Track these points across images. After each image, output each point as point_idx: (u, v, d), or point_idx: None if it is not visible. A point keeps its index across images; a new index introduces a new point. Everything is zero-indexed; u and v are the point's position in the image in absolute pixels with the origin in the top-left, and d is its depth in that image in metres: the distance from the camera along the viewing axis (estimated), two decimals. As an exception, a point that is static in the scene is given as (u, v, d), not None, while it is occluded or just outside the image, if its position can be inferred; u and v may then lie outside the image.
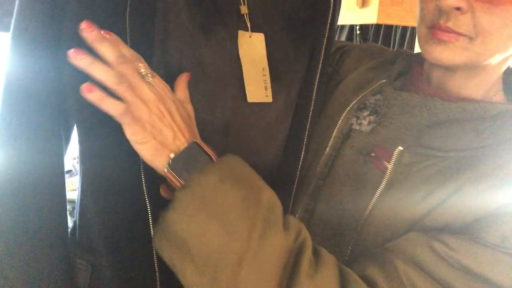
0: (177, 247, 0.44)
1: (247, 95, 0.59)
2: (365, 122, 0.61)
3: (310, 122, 0.66)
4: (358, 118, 0.62)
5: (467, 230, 0.48)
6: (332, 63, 0.77)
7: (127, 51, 0.47)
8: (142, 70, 0.46)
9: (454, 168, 0.52)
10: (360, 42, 1.98)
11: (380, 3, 1.64)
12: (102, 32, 0.45)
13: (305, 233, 0.48)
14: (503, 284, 0.45)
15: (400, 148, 0.55)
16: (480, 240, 0.47)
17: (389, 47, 1.87)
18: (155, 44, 0.52)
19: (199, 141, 0.49)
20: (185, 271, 0.44)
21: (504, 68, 0.58)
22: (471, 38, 0.51)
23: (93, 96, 0.44)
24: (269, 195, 0.47)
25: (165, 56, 0.53)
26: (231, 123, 0.60)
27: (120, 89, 0.44)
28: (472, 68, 0.55)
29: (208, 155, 0.48)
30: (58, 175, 0.58)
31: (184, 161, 0.46)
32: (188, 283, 0.44)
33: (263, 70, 0.61)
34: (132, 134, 0.45)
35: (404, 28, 1.79)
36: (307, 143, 0.66)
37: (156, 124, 0.46)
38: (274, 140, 0.65)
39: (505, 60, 0.56)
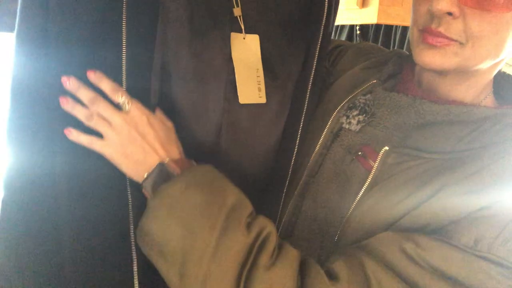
0: (152, 248, 0.51)
1: (239, 97, 0.60)
2: (354, 122, 0.62)
3: (303, 123, 0.66)
4: (348, 117, 0.63)
5: (443, 232, 0.49)
6: (328, 63, 0.78)
7: (107, 84, 0.52)
8: (121, 98, 0.52)
9: (437, 170, 0.53)
10: (360, 42, 1.98)
11: (380, 3, 1.63)
12: (92, 72, 0.52)
13: (270, 230, 0.51)
14: (472, 286, 0.45)
15: (386, 148, 0.56)
16: (453, 241, 0.47)
17: (389, 47, 1.87)
18: (154, 48, 0.53)
19: (177, 155, 0.55)
20: (161, 268, 0.51)
21: (494, 72, 0.59)
22: (461, 44, 0.52)
23: (72, 136, 0.52)
24: (234, 198, 0.52)
25: (163, 58, 0.54)
26: (224, 124, 0.60)
27: (92, 124, 0.52)
28: (463, 72, 0.55)
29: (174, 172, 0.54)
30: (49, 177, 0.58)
31: (153, 180, 0.53)
32: (165, 278, 0.51)
33: (257, 71, 0.61)
34: (109, 158, 0.53)
35: (404, 28, 1.79)
36: (300, 143, 0.67)
37: (127, 148, 0.53)
38: (267, 140, 0.66)
39: (495, 65, 0.57)
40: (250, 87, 0.61)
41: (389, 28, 1.87)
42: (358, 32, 1.97)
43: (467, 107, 0.55)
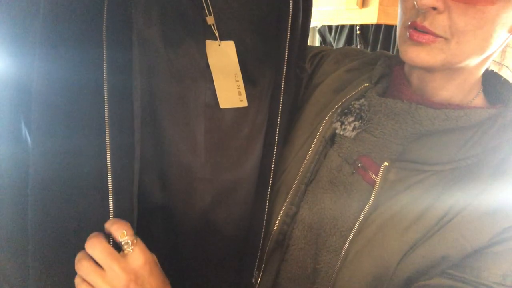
0: None
1: (219, 102, 0.60)
2: (349, 128, 0.61)
3: (280, 125, 0.67)
4: (342, 123, 0.62)
5: (466, 269, 0.49)
6: (311, 67, 0.78)
7: (111, 224, 0.48)
8: (125, 238, 0.47)
9: (443, 185, 0.53)
10: (360, 42, 1.98)
11: (380, 3, 1.63)
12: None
13: None
14: None
15: (386, 163, 0.55)
16: (483, 280, 0.48)
17: (389, 47, 1.87)
18: (132, 57, 0.52)
19: None
20: None
21: (483, 69, 0.58)
22: (447, 39, 0.51)
23: None
24: None
25: (141, 69, 0.53)
26: (206, 130, 0.60)
27: (87, 277, 0.46)
28: (450, 69, 0.55)
29: None
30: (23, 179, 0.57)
31: None
32: None
33: (236, 76, 0.62)
34: None
35: (404, 28, 1.78)
36: (279, 143, 0.67)
37: None
38: (251, 145, 0.66)
39: (483, 61, 0.56)
40: (230, 92, 0.61)
41: (389, 28, 1.87)
42: (358, 32, 1.97)
43: (464, 111, 0.54)
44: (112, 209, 0.51)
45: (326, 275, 0.59)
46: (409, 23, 0.53)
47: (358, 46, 2.00)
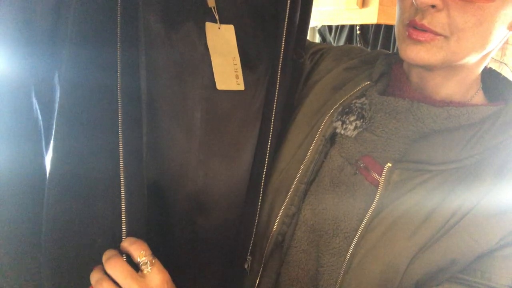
0: None
1: (216, 83, 0.60)
2: (351, 127, 0.60)
3: (276, 110, 0.67)
4: (344, 122, 0.61)
5: (478, 273, 0.49)
6: (310, 64, 0.77)
7: (130, 244, 0.49)
8: (143, 258, 0.48)
9: (448, 185, 0.52)
10: (360, 42, 1.98)
11: (380, 3, 1.64)
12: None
13: None
14: None
15: (389, 164, 0.55)
16: (495, 284, 0.48)
17: (389, 47, 1.87)
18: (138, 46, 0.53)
19: None
20: None
21: (482, 67, 0.58)
22: (446, 37, 0.51)
23: None
24: None
25: (148, 55, 0.55)
26: (203, 111, 0.61)
27: None
28: (450, 67, 0.55)
29: None
30: (36, 178, 0.57)
31: None
32: None
33: (234, 59, 0.62)
34: None
35: (404, 28, 1.78)
36: (275, 129, 0.67)
37: None
38: (247, 130, 0.66)
39: (482, 58, 0.56)
40: (227, 74, 0.62)
41: (389, 28, 1.87)
42: (358, 32, 1.98)
43: (466, 109, 0.54)
44: (124, 209, 0.52)
45: (329, 277, 0.58)
46: (407, 21, 0.53)
47: (352, 45, 2.00)
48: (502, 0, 0.48)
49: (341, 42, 2.09)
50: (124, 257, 0.49)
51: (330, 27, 2.17)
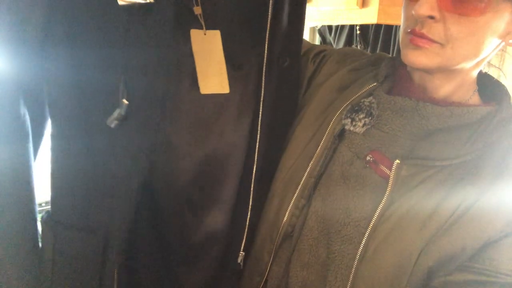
0: None
1: (200, 87, 0.63)
2: (360, 124, 0.65)
3: (262, 115, 0.69)
4: (353, 119, 0.65)
5: (483, 261, 0.52)
6: (313, 66, 0.82)
7: None
8: None
9: (453, 178, 0.57)
10: (360, 42, 1.98)
11: (380, 3, 1.63)
12: None
13: None
14: None
15: (398, 161, 0.59)
16: (503, 270, 0.51)
17: (389, 47, 1.87)
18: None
19: None
20: None
21: (477, 71, 0.63)
22: (442, 45, 0.56)
23: None
24: None
25: (138, 59, 0.58)
26: (186, 114, 0.63)
27: None
28: (448, 71, 0.61)
29: None
30: (24, 176, 0.59)
31: None
32: None
33: (219, 64, 0.64)
34: None
35: (404, 28, 1.78)
36: (262, 131, 0.69)
37: None
38: (231, 134, 0.68)
39: (477, 64, 0.61)
40: (212, 78, 0.64)
41: (389, 28, 1.87)
42: (358, 32, 1.97)
43: (467, 108, 0.59)
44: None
45: (341, 263, 0.62)
46: (409, 30, 0.58)
47: (358, 46, 2.00)
48: (492, 13, 0.54)
49: (341, 42, 2.09)
50: None
51: (330, 27, 2.17)
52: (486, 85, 0.66)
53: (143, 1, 0.53)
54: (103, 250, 0.61)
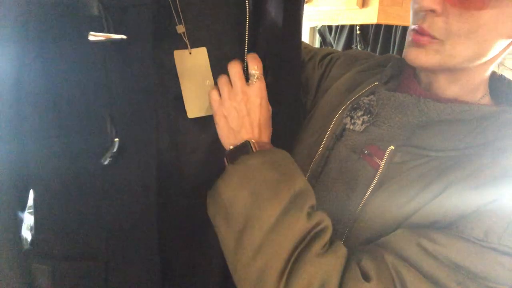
0: (218, 207, 0.57)
1: (187, 111, 0.61)
2: (359, 122, 0.63)
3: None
4: (352, 118, 0.64)
5: (453, 227, 0.50)
6: (320, 69, 0.81)
7: (252, 58, 0.62)
8: (255, 71, 0.62)
9: (442, 168, 0.54)
10: (360, 42, 1.98)
11: (380, 3, 1.63)
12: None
13: (327, 224, 0.54)
14: (488, 277, 0.47)
15: (392, 147, 0.57)
16: (465, 235, 0.49)
17: (389, 47, 1.87)
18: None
19: (266, 139, 0.64)
20: (220, 226, 0.56)
21: (486, 72, 0.60)
22: (442, 41, 0.54)
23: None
24: (301, 185, 0.55)
25: (122, 94, 0.56)
26: (174, 139, 0.61)
27: (219, 81, 0.62)
28: (452, 70, 0.58)
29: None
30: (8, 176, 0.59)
31: (236, 152, 0.60)
32: (220, 236, 0.57)
33: (207, 83, 0.62)
34: (213, 113, 0.62)
35: (404, 28, 1.78)
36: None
37: (230, 113, 0.61)
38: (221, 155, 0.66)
39: (485, 64, 0.58)
40: (200, 101, 0.62)
41: (389, 28, 1.87)
42: (358, 32, 1.97)
43: (469, 106, 0.57)
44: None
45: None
46: (413, 26, 0.57)
47: (358, 46, 2.00)
48: (495, 11, 0.51)
49: (341, 42, 2.09)
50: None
51: (330, 27, 2.17)
52: (498, 87, 0.63)
53: (117, 37, 0.51)
54: (104, 276, 0.60)
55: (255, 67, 0.61)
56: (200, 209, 0.64)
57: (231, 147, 0.62)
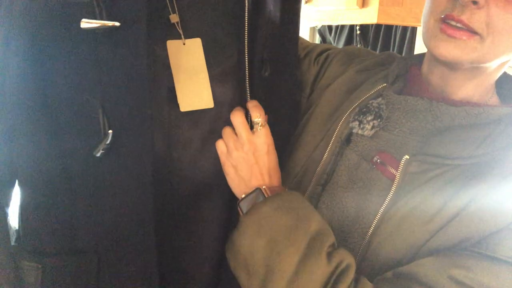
0: (237, 259, 0.56)
1: (180, 105, 0.59)
2: (368, 127, 0.61)
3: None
4: (361, 122, 0.61)
5: (484, 245, 0.48)
6: (316, 67, 0.78)
7: (253, 105, 0.62)
8: (258, 119, 0.62)
9: (464, 178, 0.52)
10: (360, 42, 1.97)
11: (380, 3, 1.63)
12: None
13: (350, 262, 0.52)
14: None
15: (407, 157, 0.55)
16: (498, 255, 0.47)
17: (389, 47, 1.86)
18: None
19: (276, 183, 0.63)
20: (241, 278, 0.56)
21: (500, 73, 0.59)
22: (482, 37, 0.50)
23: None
24: (317, 226, 0.54)
25: (113, 84, 0.54)
26: (167, 133, 0.60)
27: (223, 133, 0.63)
28: (474, 68, 0.55)
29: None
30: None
31: (249, 200, 0.60)
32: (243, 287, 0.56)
33: (201, 75, 0.60)
34: (222, 164, 0.63)
35: (404, 28, 1.78)
36: None
37: (239, 163, 0.61)
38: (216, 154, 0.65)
39: (502, 65, 0.56)
40: (193, 93, 0.60)
41: (389, 28, 1.86)
42: (358, 32, 1.97)
43: (484, 108, 0.54)
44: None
45: None
46: (442, 15, 0.52)
47: (358, 46, 1.99)
48: None
49: (341, 42, 2.08)
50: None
51: (330, 27, 2.16)
52: (505, 85, 0.61)
53: (109, 24, 0.50)
54: (97, 272, 0.59)
55: (257, 114, 0.61)
56: (194, 202, 0.63)
57: (243, 195, 0.61)
